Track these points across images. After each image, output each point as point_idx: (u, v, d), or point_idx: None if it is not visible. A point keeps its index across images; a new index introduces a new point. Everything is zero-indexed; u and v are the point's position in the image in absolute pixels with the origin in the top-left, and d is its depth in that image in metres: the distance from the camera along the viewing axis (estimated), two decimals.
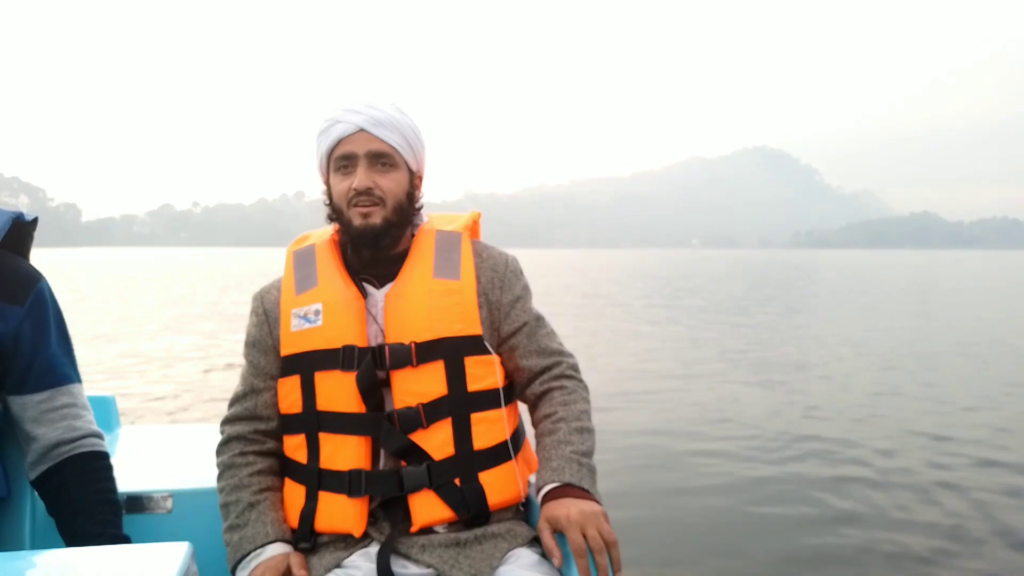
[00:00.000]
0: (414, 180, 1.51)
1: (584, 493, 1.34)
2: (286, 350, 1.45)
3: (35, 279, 1.47)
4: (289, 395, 1.44)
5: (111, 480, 1.48)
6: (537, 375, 1.51)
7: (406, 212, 1.48)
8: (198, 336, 12.53)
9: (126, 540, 1.44)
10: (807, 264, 67.05)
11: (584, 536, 1.23)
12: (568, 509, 1.28)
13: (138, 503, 1.67)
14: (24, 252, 1.54)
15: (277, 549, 1.36)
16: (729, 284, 30.22)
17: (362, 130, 1.41)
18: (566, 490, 1.34)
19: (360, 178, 1.41)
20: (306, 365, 1.42)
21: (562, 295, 22.94)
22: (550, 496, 1.34)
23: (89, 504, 1.42)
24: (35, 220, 1.52)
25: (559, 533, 1.29)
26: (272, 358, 1.49)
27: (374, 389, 1.38)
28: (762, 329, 13.78)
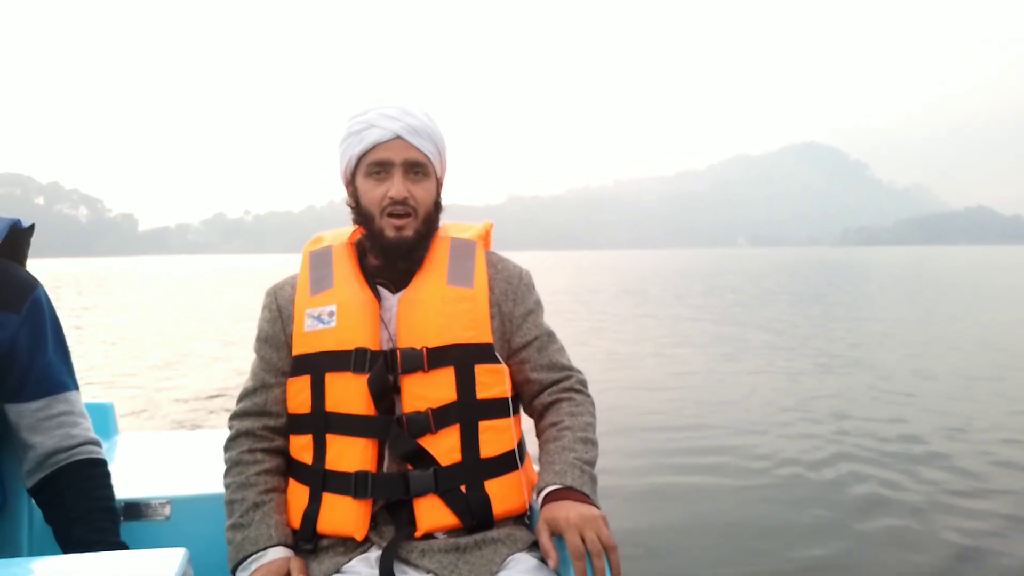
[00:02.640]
0: (439, 188, 1.51)
1: (584, 498, 1.33)
2: (298, 350, 1.45)
3: (31, 286, 1.45)
4: (298, 395, 1.44)
5: (108, 487, 1.47)
6: (546, 387, 1.52)
7: (434, 221, 1.49)
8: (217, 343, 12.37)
9: (123, 547, 1.43)
10: (857, 262, 65.04)
11: (583, 540, 1.23)
12: (567, 512, 1.27)
13: (136, 510, 1.67)
14: (21, 259, 1.53)
15: (278, 553, 1.35)
16: (769, 282, 30.49)
17: (399, 137, 1.41)
18: (566, 493, 1.34)
19: (398, 187, 1.41)
20: (317, 366, 1.42)
21: (591, 295, 23.28)
22: (550, 498, 1.34)
23: (86, 511, 1.41)
24: (32, 227, 1.52)
25: (558, 536, 1.28)
26: (284, 354, 1.48)
27: (385, 393, 1.38)
28: (805, 328, 13.27)
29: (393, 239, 1.43)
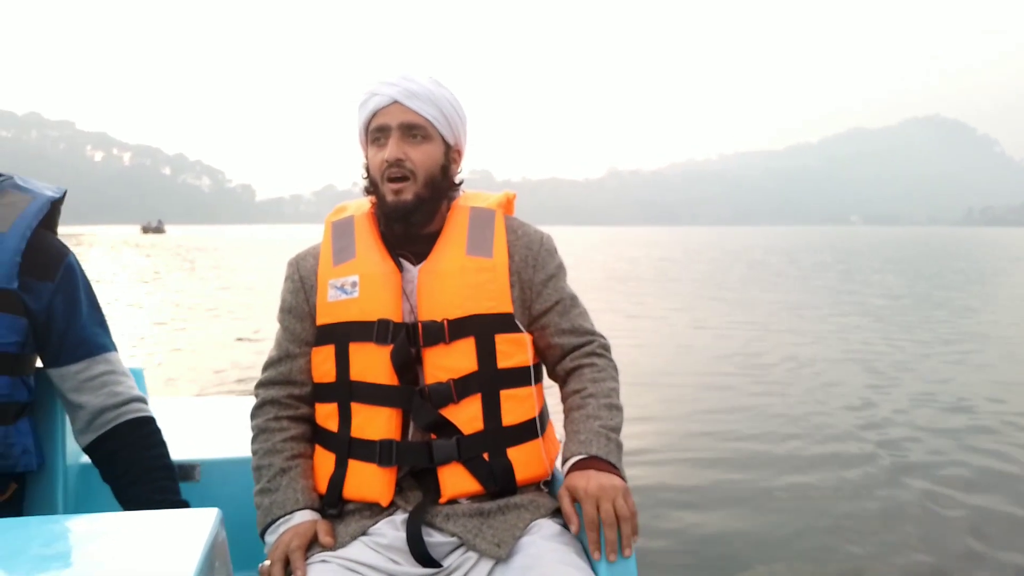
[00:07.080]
0: (451, 154, 1.50)
1: (609, 467, 1.35)
2: (322, 319, 1.47)
3: (63, 254, 1.49)
4: (323, 364, 1.46)
5: (163, 444, 1.51)
6: (568, 352, 1.52)
7: (439, 186, 1.47)
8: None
9: (186, 505, 1.46)
10: (980, 243, 60.55)
11: (599, 511, 1.26)
12: (588, 481, 1.30)
13: None
14: (53, 227, 1.56)
15: (305, 516, 1.39)
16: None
17: (396, 102, 1.42)
18: (591, 462, 1.36)
19: (391, 149, 1.41)
20: (341, 335, 1.44)
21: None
22: (575, 467, 1.37)
23: (144, 470, 1.46)
24: (63, 195, 1.56)
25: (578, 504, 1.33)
26: (307, 324, 1.50)
27: (408, 365, 1.39)
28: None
29: (391, 203, 1.43)
